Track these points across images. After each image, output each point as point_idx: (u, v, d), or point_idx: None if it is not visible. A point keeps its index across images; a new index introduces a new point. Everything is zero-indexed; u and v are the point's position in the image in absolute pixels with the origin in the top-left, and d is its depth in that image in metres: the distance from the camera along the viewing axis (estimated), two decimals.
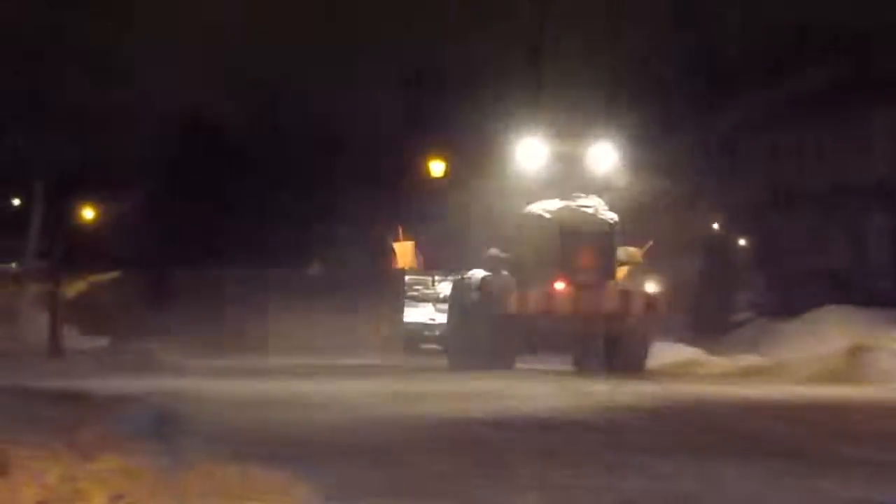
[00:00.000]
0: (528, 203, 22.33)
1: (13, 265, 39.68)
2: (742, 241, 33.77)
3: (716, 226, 34.79)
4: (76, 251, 38.52)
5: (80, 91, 29.77)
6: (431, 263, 26.33)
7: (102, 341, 30.41)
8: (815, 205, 34.45)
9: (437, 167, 41.42)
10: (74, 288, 50.55)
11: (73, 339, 30.00)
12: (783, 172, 36.28)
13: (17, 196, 37.56)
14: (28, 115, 29.15)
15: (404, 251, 26.14)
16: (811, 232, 33.97)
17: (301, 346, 27.22)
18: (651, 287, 22.00)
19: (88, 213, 48.36)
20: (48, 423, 10.88)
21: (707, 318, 31.02)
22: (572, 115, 25.32)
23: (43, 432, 10.32)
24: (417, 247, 26.17)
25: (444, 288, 25.02)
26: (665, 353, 25.27)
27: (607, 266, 21.97)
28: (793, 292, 30.89)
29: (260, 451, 9.34)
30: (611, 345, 21.58)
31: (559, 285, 21.25)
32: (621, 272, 22.79)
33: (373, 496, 7.89)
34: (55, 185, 30.36)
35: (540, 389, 17.13)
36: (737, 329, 29.68)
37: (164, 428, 10.91)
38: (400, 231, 26.24)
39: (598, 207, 22.20)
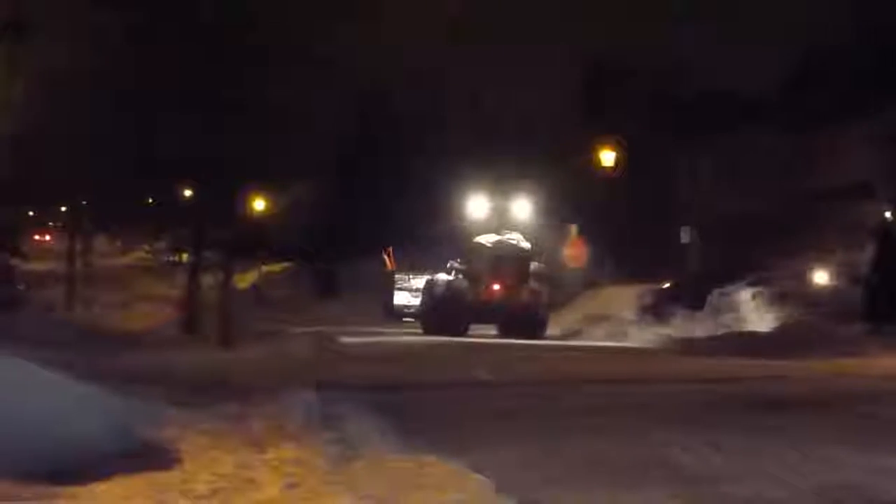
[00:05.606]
0: (476, 236, 34.03)
1: (185, 256, 40.42)
2: None
3: (888, 214, 33.96)
4: (247, 242, 39.15)
5: (253, 83, 30.12)
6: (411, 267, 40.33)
7: (273, 329, 30.80)
8: None
9: (607, 157, 41.44)
10: (246, 278, 51.48)
11: (245, 327, 30.40)
12: None
13: (188, 188, 38.13)
14: (201, 107, 29.48)
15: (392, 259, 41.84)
16: None
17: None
18: (545, 287, 33.77)
19: (259, 205, 49.05)
20: (220, 413, 11.03)
21: (880, 305, 30.39)
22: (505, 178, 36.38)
23: (215, 421, 10.47)
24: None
25: (417, 283, 37.54)
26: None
27: (523, 276, 33.32)
28: None
29: None
30: (524, 321, 32.55)
31: (495, 286, 33.12)
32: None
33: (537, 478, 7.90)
34: (226, 176, 30.69)
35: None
36: None
37: (333, 418, 11.00)
38: (390, 249, 41.81)
39: (518, 240, 33.85)
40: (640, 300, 37.95)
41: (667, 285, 39.22)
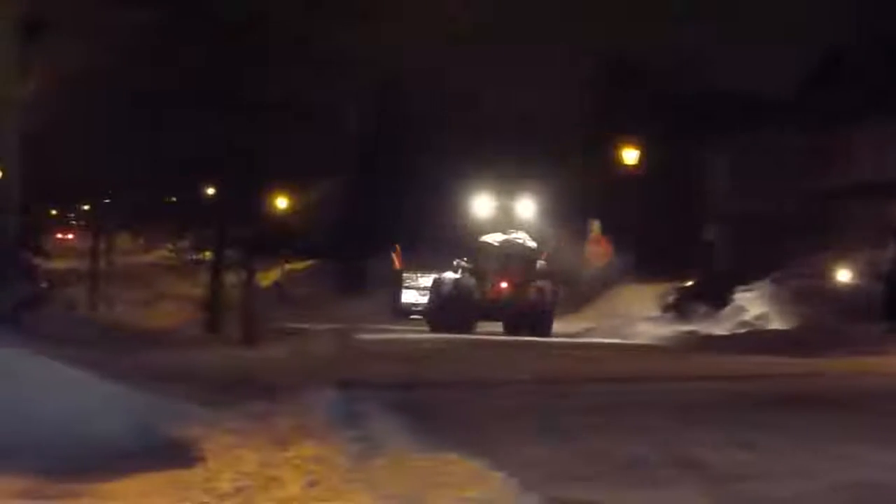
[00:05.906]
0: (482, 235, 34.77)
1: (208, 254, 40.50)
2: None
3: None
4: (270, 240, 39.17)
5: (276, 82, 30.14)
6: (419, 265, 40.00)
7: (297, 327, 30.87)
8: None
9: (630, 155, 41.42)
10: (269, 276, 51.50)
11: (268, 325, 30.42)
12: None
13: (211, 185, 38.13)
14: (224, 105, 29.49)
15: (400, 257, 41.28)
16: None
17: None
18: (550, 285, 34.05)
19: (282, 202, 49.06)
20: (243, 412, 11.07)
21: None
22: (508, 178, 37.17)
23: (239, 420, 10.52)
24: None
25: (424, 281, 37.86)
26: None
27: (529, 274, 34.05)
28: None
29: None
30: (531, 318, 33.22)
31: (504, 284, 33.91)
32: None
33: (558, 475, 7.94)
34: (239, 175, 30.72)
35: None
36: None
37: (355, 416, 11.04)
38: (398, 247, 41.11)
39: (525, 239, 34.60)
40: (662, 298, 38.04)
41: (689, 283, 39.25)
